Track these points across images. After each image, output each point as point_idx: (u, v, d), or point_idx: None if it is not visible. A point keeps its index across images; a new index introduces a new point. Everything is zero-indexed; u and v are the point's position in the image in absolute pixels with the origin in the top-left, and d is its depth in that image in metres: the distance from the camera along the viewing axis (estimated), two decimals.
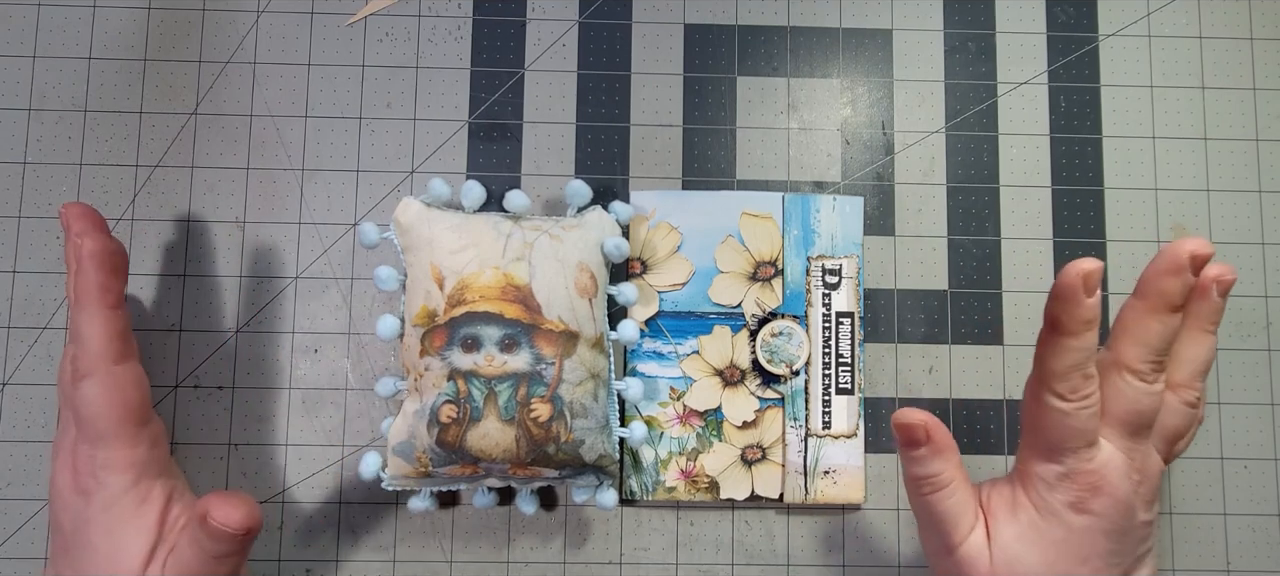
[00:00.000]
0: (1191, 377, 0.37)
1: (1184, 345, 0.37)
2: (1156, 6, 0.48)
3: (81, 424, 0.37)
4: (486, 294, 0.40)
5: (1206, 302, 0.37)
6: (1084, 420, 0.35)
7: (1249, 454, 0.46)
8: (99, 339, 0.37)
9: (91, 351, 0.37)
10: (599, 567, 0.45)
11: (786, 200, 0.46)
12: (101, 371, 0.37)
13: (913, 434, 0.37)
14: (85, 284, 0.37)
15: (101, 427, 0.37)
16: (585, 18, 0.48)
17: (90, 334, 0.37)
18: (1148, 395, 0.36)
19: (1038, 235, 0.47)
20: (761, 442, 0.45)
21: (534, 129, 0.47)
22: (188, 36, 0.47)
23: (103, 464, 0.37)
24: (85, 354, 0.37)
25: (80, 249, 0.37)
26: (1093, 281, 0.34)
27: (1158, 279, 0.36)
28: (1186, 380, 0.37)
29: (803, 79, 0.48)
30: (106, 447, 0.37)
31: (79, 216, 0.38)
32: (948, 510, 0.37)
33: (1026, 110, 0.48)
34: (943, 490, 0.38)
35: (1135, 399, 0.36)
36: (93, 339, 0.37)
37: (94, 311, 0.37)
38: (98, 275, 0.37)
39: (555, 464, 0.41)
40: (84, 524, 0.37)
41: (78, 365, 0.37)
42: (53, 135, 0.46)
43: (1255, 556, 0.46)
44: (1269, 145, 0.48)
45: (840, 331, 0.46)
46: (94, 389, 0.37)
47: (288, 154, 0.47)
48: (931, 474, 0.38)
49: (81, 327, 0.37)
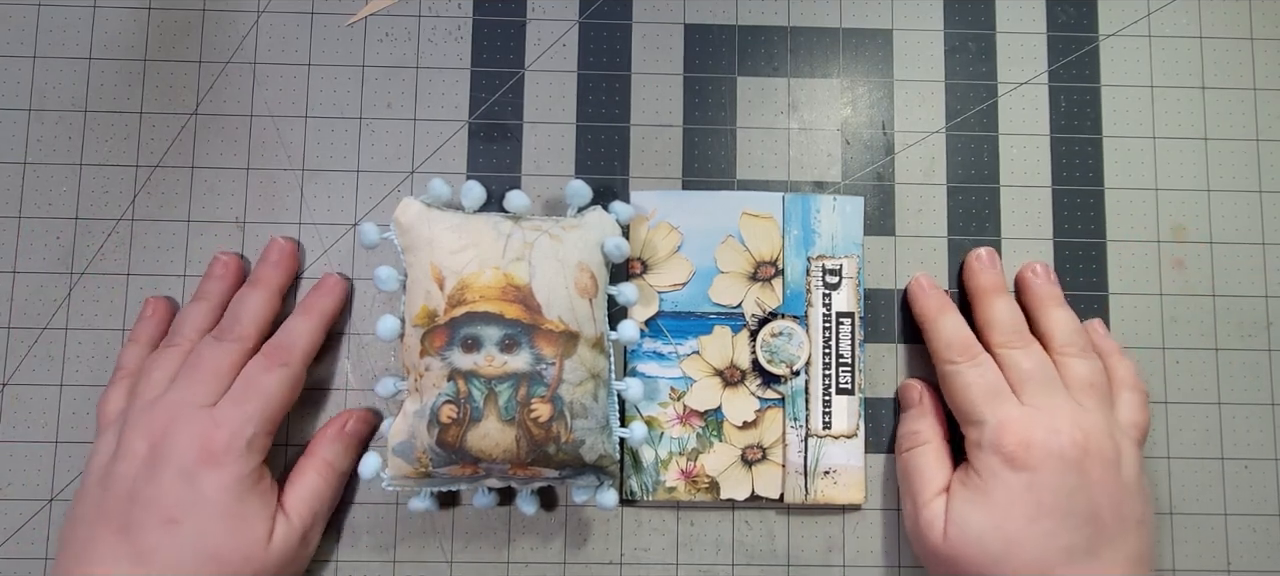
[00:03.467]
0: (1065, 340, 0.43)
1: (1043, 323, 0.44)
2: (1156, 6, 0.48)
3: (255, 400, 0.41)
4: (487, 294, 0.40)
5: (1036, 286, 0.45)
6: (979, 374, 0.42)
7: (1249, 454, 0.46)
8: (309, 343, 0.43)
9: (299, 349, 0.42)
10: (599, 568, 0.45)
11: (787, 200, 0.46)
12: (297, 367, 0.42)
13: (908, 395, 0.45)
14: (320, 306, 0.44)
15: (272, 412, 0.41)
16: (585, 18, 0.48)
17: (303, 334, 0.43)
18: (1026, 356, 0.42)
19: (1038, 235, 0.47)
20: (762, 443, 0.45)
21: (534, 129, 0.47)
22: (188, 36, 0.47)
23: (252, 442, 0.40)
24: (291, 349, 0.42)
25: (337, 286, 0.45)
26: (927, 280, 0.45)
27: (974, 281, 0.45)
28: (1061, 344, 0.43)
29: (803, 79, 0.48)
30: (265, 429, 0.41)
31: None
32: (921, 466, 0.43)
33: (1027, 110, 0.48)
34: (920, 447, 0.43)
35: (1017, 363, 0.42)
36: (304, 339, 0.43)
37: (316, 323, 0.43)
38: (334, 302, 0.45)
39: (555, 464, 0.41)
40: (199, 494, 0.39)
41: (280, 354, 0.42)
42: (53, 135, 0.46)
43: (1256, 556, 0.46)
44: (1269, 145, 0.48)
45: (840, 331, 0.46)
46: (285, 378, 0.42)
47: (288, 154, 0.47)
48: (914, 430, 0.44)
49: (298, 326, 0.43)
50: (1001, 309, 0.44)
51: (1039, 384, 0.41)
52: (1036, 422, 0.40)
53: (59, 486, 0.45)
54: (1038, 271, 0.45)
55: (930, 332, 0.44)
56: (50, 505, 0.45)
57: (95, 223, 0.46)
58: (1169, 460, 0.46)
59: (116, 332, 0.46)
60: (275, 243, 0.45)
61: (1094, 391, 0.42)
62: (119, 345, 0.45)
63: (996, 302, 0.44)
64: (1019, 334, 0.43)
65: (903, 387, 0.45)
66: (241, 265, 0.45)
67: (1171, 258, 0.47)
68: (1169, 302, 0.47)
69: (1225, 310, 0.47)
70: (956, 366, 0.42)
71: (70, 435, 0.45)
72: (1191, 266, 0.47)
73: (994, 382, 0.42)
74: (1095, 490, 0.39)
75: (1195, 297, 0.47)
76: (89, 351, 0.45)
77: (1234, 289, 0.47)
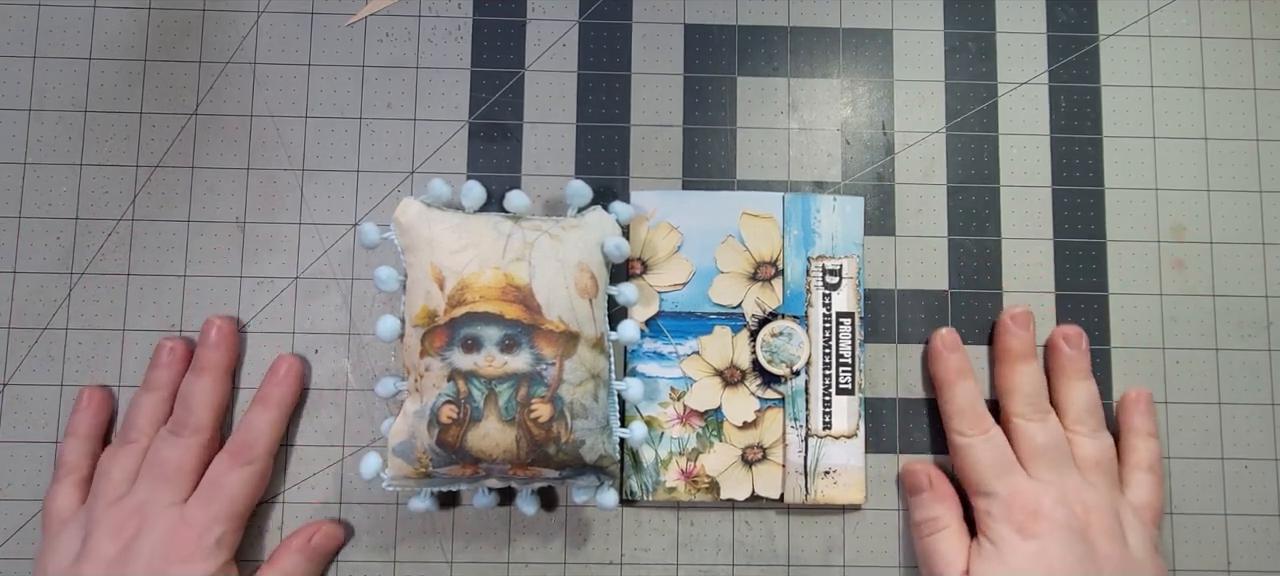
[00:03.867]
0: (1079, 415, 0.44)
1: (1061, 394, 0.45)
2: (1156, 6, 0.48)
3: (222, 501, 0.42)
4: (487, 294, 0.40)
5: (1062, 355, 0.45)
6: (989, 448, 0.43)
7: (1249, 454, 0.46)
8: (272, 437, 0.44)
9: (262, 444, 0.43)
10: (599, 568, 0.45)
11: (787, 200, 0.46)
12: (263, 463, 0.43)
13: (917, 481, 0.45)
14: (278, 395, 0.44)
15: (239, 510, 0.42)
16: (585, 18, 0.48)
17: (264, 430, 0.43)
18: (1041, 431, 0.43)
19: (1038, 235, 0.47)
20: (762, 443, 0.45)
21: (534, 129, 0.47)
22: (188, 36, 0.47)
23: (221, 540, 0.41)
24: (254, 446, 0.43)
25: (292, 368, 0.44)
26: (950, 341, 0.45)
27: (1001, 341, 0.45)
28: (1076, 419, 0.44)
29: (803, 79, 0.48)
30: (233, 527, 0.42)
31: None
32: (944, 550, 0.43)
33: (1027, 110, 0.47)
34: (940, 532, 0.43)
35: (1031, 436, 0.43)
36: (266, 434, 0.43)
37: (276, 415, 0.44)
38: (291, 389, 0.44)
39: (555, 464, 0.41)
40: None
41: (244, 453, 0.43)
42: (53, 135, 0.46)
43: (1256, 556, 0.46)
44: (1269, 145, 0.48)
45: (840, 331, 0.46)
46: (250, 476, 0.43)
47: (288, 154, 0.47)
48: (932, 517, 0.44)
49: (258, 421, 0.43)
50: (1025, 378, 0.44)
51: (1049, 460, 0.42)
52: (1044, 493, 0.41)
53: None
54: (1068, 339, 0.45)
55: (943, 398, 0.45)
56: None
57: (95, 222, 0.46)
58: (1169, 460, 0.46)
59: (116, 332, 0.46)
60: (212, 324, 0.44)
61: (1100, 470, 0.43)
62: (119, 345, 0.45)
63: (1021, 370, 0.44)
64: (1037, 406, 0.43)
65: (906, 472, 0.45)
66: (187, 349, 0.45)
67: (1171, 258, 0.47)
68: (1169, 302, 0.47)
69: (1225, 310, 0.47)
70: (968, 439, 0.43)
71: None
72: (1191, 266, 0.47)
73: (1003, 457, 0.43)
74: (1103, 561, 0.40)
75: (1195, 297, 0.47)
76: (89, 351, 0.45)
77: (1234, 289, 0.47)
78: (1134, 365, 0.46)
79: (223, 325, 0.44)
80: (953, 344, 0.45)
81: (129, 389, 0.45)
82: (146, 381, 0.44)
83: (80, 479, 0.43)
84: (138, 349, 0.45)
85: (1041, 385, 0.44)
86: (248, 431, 0.43)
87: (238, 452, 0.43)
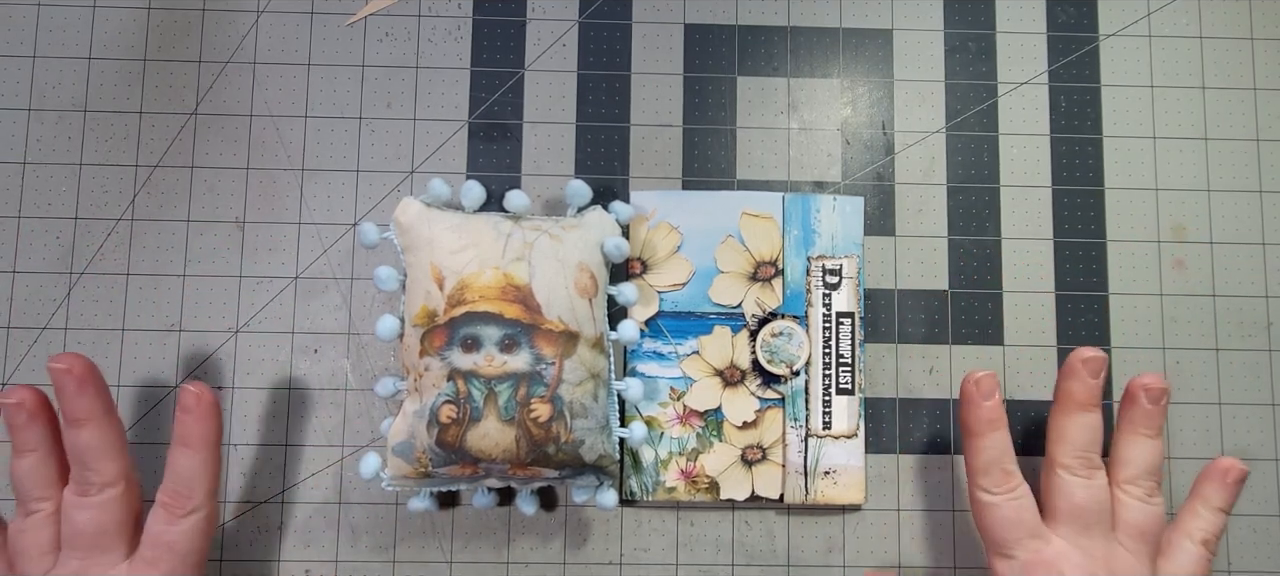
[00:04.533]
0: (1136, 476, 0.40)
1: (1124, 447, 0.41)
2: (1156, 6, 0.48)
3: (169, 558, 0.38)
4: (486, 294, 0.40)
5: (1136, 408, 0.41)
6: (1016, 510, 0.39)
7: (1249, 454, 0.46)
8: (210, 478, 0.39)
9: (201, 489, 0.39)
10: (599, 568, 0.45)
11: (787, 200, 0.46)
12: (206, 505, 0.39)
13: None
14: (200, 432, 0.39)
15: (193, 561, 0.39)
16: (585, 18, 0.48)
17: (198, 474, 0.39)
18: (1083, 488, 0.39)
19: (1038, 235, 0.47)
20: (762, 443, 0.45)
21: (534, 129, 0.47)
22: (188, 36, 0.47)
23: None
24: (191, 494, 0.39)
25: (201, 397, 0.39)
26: (986, 387, 0.40)
27: (1063, 383, 0.41)
28: (1131, 478, 0.40)
29: (803, 79, 0.48)
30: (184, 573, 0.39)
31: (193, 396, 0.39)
32: None
33: (1027, 110, 0.47)
34: None
35: (1070, 492, 0.40)
36: (202, 478, 0.39)
37: (206, 455, 0.39)
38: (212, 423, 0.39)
39: (555, 464, 0.41)
40: None
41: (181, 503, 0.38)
42: (53, 135, 0.46)
43: (1256, 556, 0.46)
44: (1269, 145, 0.48)
45: (840, 331, 0.46)
46: (197, 524, 0.39)
47: (288, 154, 0.47)
48: None
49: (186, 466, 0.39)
50: (1081, 428, 0.40)
51: (1084, 522, 0.39)
52: (1067, 560, 0.39)
53: None
54: (1150, 393, 0.40)
55: (969, 448, 0.41)
56: None
57: (95, 222, 0.46)
58: (1169, 460, 0.46)
59: (115, 332, 0.46)
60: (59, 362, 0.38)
61: (1143, 539, 0.40)
62: (118, 345, 0.45)
63: (1080, 420, 0.40)
64: (1087, 461, 0.40)
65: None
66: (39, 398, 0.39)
67: (1171, 258, 0.47)
68: (1169, 302, 0.47)
69: (1225, 310, 0.47)
70: (992, 498, 0.40)
71: None
72: (1191, 266, 0.47)
73: (1029, 519, 0.40)
74: None
75: (1195, 297, 0.47)
76: (88, 351, 0.45)
77: (1234, 289, 0.47)
78: (1134, 365, 0.46)
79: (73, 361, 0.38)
80: (988, 390, 0.40)
81: (129, 389, 0.45)
82: (17, 445, 0.39)
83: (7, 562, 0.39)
84: (137, 349, 0.45)
85: (1097, 438, 0.40)
86: (177, 480, 0.38)
87: (174, 504, 0.38)
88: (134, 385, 0.45)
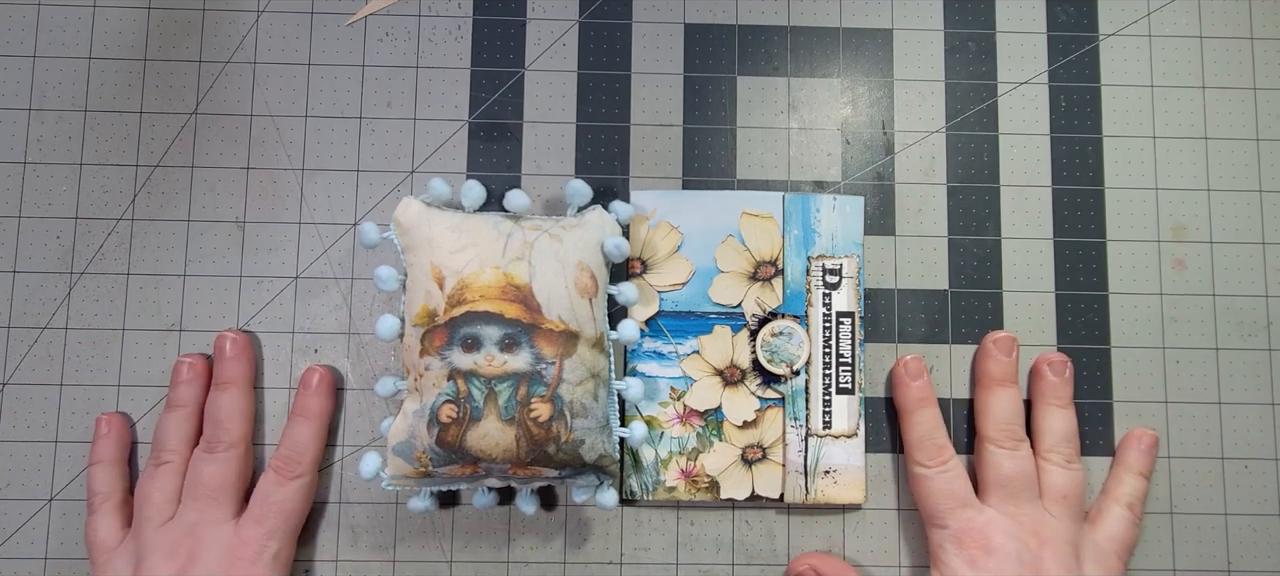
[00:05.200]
0: (1054, 444, 0.44)
1: (1040, 420, 0.45)
2: (1156, 6, 0.48)
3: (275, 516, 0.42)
4: (486, 293, 0.40)
5: (1044, 382, 0.45)
6: (947, 482, 0.43)
7: (1249, 454, 0.46)
8: (317, 449, 0.44)
9: (309, 457, 0.43)
10: (599, 567, 0.45)
11: (787, 200, 0.46)
12: (310, 475, 0.44)
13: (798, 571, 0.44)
14: (317, 406, 0.44)
15: (293, 522, 0.43)
16: (585, 18, 0.48)
17: (309, 443, 0.43)
18: (1009, 459, 0.43)
19: (1038, 235, 0.47)
20: (762, 442, 0.45)
21: (534, 129, 0.47)
22: (188, 36, 0.47)
23: (277, 556, 0.42)
24: (301, 460, 0.43)
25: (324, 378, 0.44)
26: (914, 369, 0.45)
27: (980, 364, 0.45)
28: (1051, 447, 0.44)
29: (803, 79, 0.48)
30: (287, 542, 0.43)
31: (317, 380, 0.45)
32: None
33: (1027, 110, 0.48)
34: None
35: (998, 464, 0.43)
36: (312, 447, 0.44)
37: (318, 427, 0.44)
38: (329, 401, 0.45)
39: (555, 464, 0.41)
40: None
41: (291, 467, 0.43)
42: (53, 135, 0.46)
43: (1256, 556, 0.46)
44: (1269, 145, 0.48)
45: (840, 331, 0.46)
46: (301, 489, 0.43)
47: (288, 154, 0.47)
48: None
49: (301, 435, 0.43)
50: (1001, 403, 0.44)
51: (1011, 491, 0.43)
52: (996, 526, 0.42)
53: (58, 486, 0.45)
54: (1053, 366, 0.45)
55: (904, 426, 0.45)
56: (50, 505, 0.45)
57: (95, 222, 0.46)
58: (1169, 460, 0.46)
59: (115, 332, 0.46)
60: (226, 338, 0.44)
61: (1066, 502, 0.43)
62: (119, 345, 0.45)
63: (999, 394, 0.44)
64: (1010, 434, 0.44)
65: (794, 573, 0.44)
66: (206, 364, 0.45)
67: (1171, 257, 0.47)
68: (1169, 302, 0.47)
69: (1225, 310, 0.47)
70: (925, 471, 0.43)
71: (70, 435, 0.45)
72: (1191, 266, 0.47)
73: (960, 490, 0.43)
74: None
75: (1195, 297, 0.47)
76: (89, 351, 0.45)
77: (1234, 289, 0.47)
78: (1134, 365, 0.46)
79: (237, 337, 0.44)
80: (916, 371, 0.45)
81: (129, 388, 0.45)
82: (170, 400, 0.44)
83: (117, 504, 0.43)
84: (137, 349, 0.46)
85: (1018, 412, 0.44)
86: (292, 446, 0.43)
87: (284, 468, 0.43)
88: (134, 385, 0.45)
